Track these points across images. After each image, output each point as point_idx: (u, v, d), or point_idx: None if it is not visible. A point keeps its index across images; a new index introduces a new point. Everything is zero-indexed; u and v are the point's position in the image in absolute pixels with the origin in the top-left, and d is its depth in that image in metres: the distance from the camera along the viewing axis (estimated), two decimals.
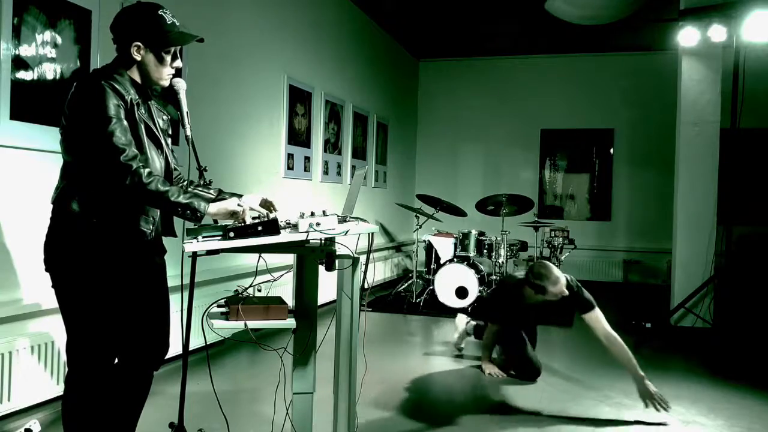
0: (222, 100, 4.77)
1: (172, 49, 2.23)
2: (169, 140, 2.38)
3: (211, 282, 4.31)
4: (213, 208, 2.13)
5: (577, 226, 8.65)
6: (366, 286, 2.59)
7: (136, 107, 2.14)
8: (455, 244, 6.77)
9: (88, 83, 2.11)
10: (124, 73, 2.18)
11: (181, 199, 2.06)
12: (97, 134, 2.03)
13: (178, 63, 2.27)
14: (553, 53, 9.07)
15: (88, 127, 2.05)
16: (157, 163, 2.22)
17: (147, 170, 2.04)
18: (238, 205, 2.15)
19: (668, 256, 6.85)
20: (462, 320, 4.88)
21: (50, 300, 3.00)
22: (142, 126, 2.16)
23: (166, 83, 2.26)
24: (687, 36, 5.92)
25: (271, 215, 2.25)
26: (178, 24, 2.23)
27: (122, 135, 2.04)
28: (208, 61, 4.50)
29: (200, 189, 2.35)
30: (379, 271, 7.79)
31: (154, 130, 2.23)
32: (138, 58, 2.18)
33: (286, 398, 2.54)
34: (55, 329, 3.14)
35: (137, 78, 2.21)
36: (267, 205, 2.40)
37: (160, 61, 2.21)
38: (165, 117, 2.37)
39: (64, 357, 2.26)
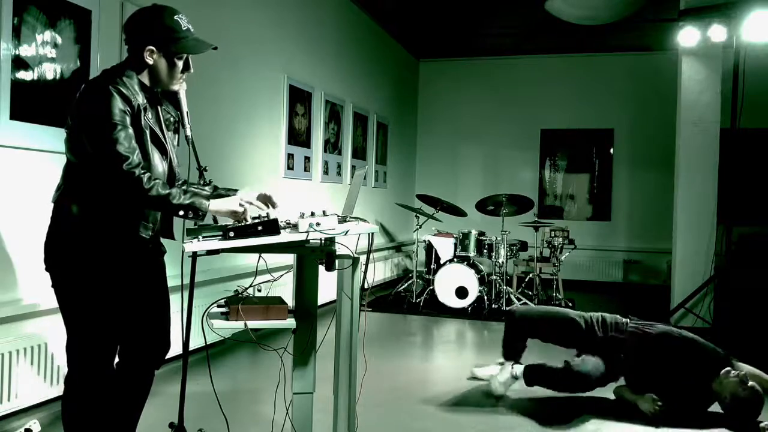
0: (222, 99, 4.77)
1: (185, 56, 2.22)
2: (176, 139, 2.38)
3: (211, 282, 4.30)
4: (214, 205, 2.14)
5: (577, 226, 8.63)
6: (366, 286, 2.59)
7: (143, 112, 2.13)
8: (455, 244, 6.77)
9: (96, 86, 2.11)
10: (134, 75, 2.17)
11: (183, 200, 2.08)
12: (101, 140, 2.02)
13: (191, 71, 2.27)
14: (553, 53, 9.06)
15: (92, 131, 2.05)
16: (160, 168, 2.21)
17: (147, 175, 2.04)
18: (240, 204, 2.15)
19: (668, 256, 6.85)
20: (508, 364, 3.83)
21: (49, 300, 3.01)
22: (148, 132, 2.15)
23: (176, 88, 2.26)
24: (687, 36, 5.92)
25: (271, 211, 2.24)
26: (192, 30, 2.23)
27: (126, 142, 2.04)
28: (208, 61, 4.48)
29: (196, 186, 2.36)
30: (379, 271, 7.78)
31: (160, 135, 2.22)
32: (150, 62, 2.17)
33: (286, 398, 2.54)
34: (54, 329, 3.14)
35: (147, 81, 2.20)
36: (265, 199, 2.38)
37: (172, 66, 2.20)
38: (172, 118, 2.37)
39: (63, 357, 2.25)
